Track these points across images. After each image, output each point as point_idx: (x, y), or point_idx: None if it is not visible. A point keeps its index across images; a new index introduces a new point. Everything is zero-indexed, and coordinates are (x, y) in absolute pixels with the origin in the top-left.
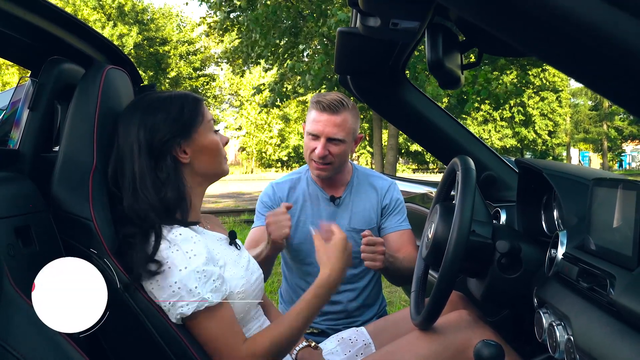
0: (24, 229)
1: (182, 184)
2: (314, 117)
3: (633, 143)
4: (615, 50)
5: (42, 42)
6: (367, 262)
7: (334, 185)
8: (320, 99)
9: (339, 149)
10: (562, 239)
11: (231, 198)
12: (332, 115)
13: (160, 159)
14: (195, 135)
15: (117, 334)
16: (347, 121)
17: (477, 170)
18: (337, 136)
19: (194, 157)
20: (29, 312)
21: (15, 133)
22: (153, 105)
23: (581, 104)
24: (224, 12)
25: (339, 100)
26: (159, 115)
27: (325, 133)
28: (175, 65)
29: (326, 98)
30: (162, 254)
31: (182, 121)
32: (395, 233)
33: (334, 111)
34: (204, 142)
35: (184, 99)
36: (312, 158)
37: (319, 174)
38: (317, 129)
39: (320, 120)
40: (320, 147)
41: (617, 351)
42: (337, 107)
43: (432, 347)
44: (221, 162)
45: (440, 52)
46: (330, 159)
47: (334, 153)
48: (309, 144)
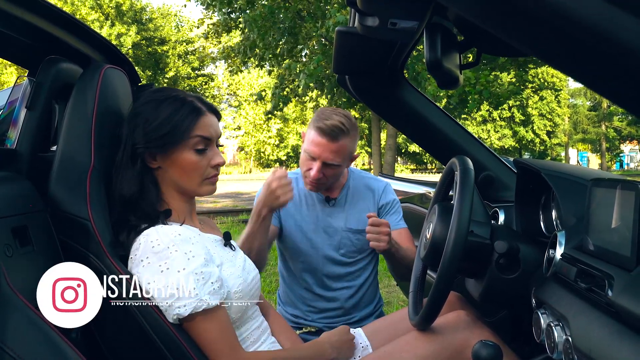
0: (21, 229)
1: (150, 186)
2: (313, 138)
3: (631, 144)
4: (615, 49)
5: (40, 42)
6: (373, 242)
7: (330, 187)
8: (320, 125)
9: (333, 172)
10: (561, 239)
11: (229, 198)
12: (330, 142)
13: (133, 158)
14: (172, 151)
15: (114, 334)
16: (344, 147)
17: (475, 171)
18: (333, 162)
19: (165, 166)
20: (26, 312)
21: (13, 132)
22: (147, 102)
23: (580, 105)
24: (223, 13)
25: (339, 127)
26: (143, 115)
27: (322, 158)
28: (174, 65)
29: (326, 123)
30: (161, 254)
31: (162, 132)
32: (393, 232)
33: (333, 138)
34: (178, 159)
35: (178, 109)
36: (306, 175)
37: (311, 189)
38: (314, 151)
39: (318, 144)
40: (315, 170)
41: (615, 352)
42: (337, 135)
43: (430, 348)
44: (194, 182)
45: (439, 52)
46: (323, 180)
47: (328, 175)
48: (305, 162)
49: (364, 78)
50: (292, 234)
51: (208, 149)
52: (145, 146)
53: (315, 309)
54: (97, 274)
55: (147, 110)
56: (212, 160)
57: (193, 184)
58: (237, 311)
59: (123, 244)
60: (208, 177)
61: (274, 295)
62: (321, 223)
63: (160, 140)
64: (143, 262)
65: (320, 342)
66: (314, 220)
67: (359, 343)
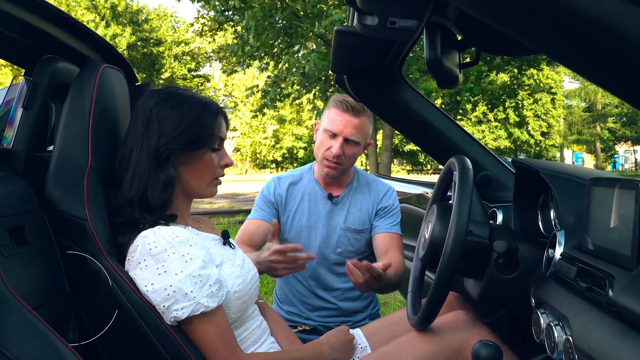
0: (17, 230)
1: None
2: (334, 115)
3: (626, 144)
4: (628, 46)
5: (37, 41)
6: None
7: (335, 184)
8: (344, 99)
9: (352, 151)
10: (560, 238)
11: (226, 199)
12: (353, 116)
13: (160, 161)
14: (198, 151)
15: (112, 335)
16: (365, 125)
17: (473, 171)
18: (354, 138)
19: (181, 167)
20: (22, 312)
21: (9, 132)
22: (163, 101)
23: (574, 106)
24: (217, 9)
25: (360, 104)
26: (166, 115)
27: (344, 133)
28: (170, 66)
29: (348, 100)
30: (158, 256)
31: (195, 133)
32: (385, 234)
33: (356, 113)
34: (199, 159)
35: (203, 109)
36: (325, 156)
37: (329, 171)
38: (336, 127)
39: (341, 120)
40: (337, 147)
41: (617, 351)
42: (359, 111)
43: (429, 348)
44: (204, 182)
45: (439, 50)
46: (342, 159)
47: (347, 154)
48: (325, 141)
49: (363, 77)
50: (292, 230)
51: (221, 149)
52: (178, 147)
53: (311, 306)
54: (94, 274)
55: (171, 109)
56: (221, 161)
57: (202, 184)
58: (237, 311)
59: (121, 244)
60: (216, 177)
61: (271, 297)
62: (322, 221)
63: (194, 141)
64: (140, 265)
65: (319, 343)
66: (315, 217)
67: (357, 344)
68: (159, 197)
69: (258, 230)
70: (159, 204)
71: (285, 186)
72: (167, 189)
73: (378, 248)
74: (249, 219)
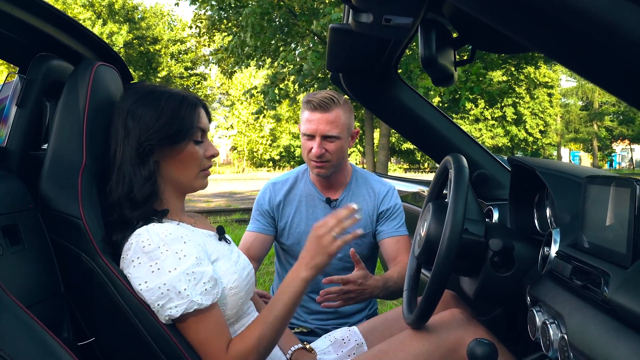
0: (11, 228)
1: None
2: (307, 117)
3: (623, 143)
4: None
5: (31, 39)
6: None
7: (332, 186)
8: (310, 99)
9: (334, 145)
10: (556, 237)
11: (223, 197)
12: (323, 113)
13: (142, 157)
14: (178, 145)
15: (106, 334)
16: (339, 117)
17: (469, 169)
18: (331, 133)
19: (164, 161)
20: (16, 311)
21: (3, 130)
22: (141, 98)
23: (571, 104)
24: (214, 7)
25: (329, 97)
26: (145, 112)
27: (319, 131)
28: (166, 64)
29: (316, 97)
30: (151, 254)
31: (174, 127)
32: (391, 239)
33: (325, 109)
34: (181, 152)
35: (181, 103)
36: (310, 158)
37: (319, 172)
38: (310, 128)
39: (312, 119)
40: (316, 146)
41: (612, 349)
42: (328, 105)
43: (424, 346)
44: (191, 175)
45: (434, 48)
46: (327, 156)
47: (331, 150)
48: (305, 144)
49: (358, 76)
50: (290, 235)
51: (204, 140)
52: (158, 143)
53: (308, 309)
54: (88, 273)
55: (148, 107)
56: (207, 152)
57: (190, 176)
58: (233, 307)
59: (116, 242)
60: (204, 168)
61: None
62: None
63: (173, 135)
64: (134, 263)
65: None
66: (314, 222)
67: (354, 340)
68: (141, 191)
69: (255, 243)
70: (142, 198)
71: (280, 191)
72: (147, 182)
73: (386, 254)
74: (248, 230)
